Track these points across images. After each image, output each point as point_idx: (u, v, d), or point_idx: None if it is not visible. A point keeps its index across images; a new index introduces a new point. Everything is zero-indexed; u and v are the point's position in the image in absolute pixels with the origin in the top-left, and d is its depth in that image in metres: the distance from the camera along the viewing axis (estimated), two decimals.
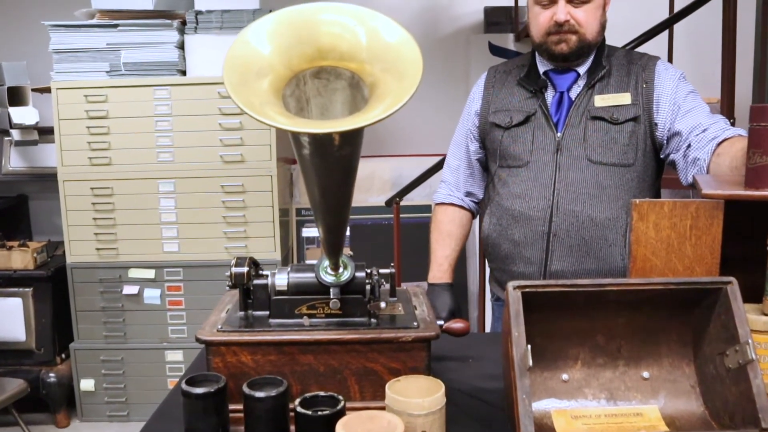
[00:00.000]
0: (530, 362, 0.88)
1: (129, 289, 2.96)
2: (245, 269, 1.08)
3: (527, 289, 0.96)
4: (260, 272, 1.12)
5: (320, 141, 0.76)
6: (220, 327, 1.04)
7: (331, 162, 0.81)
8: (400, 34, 0.76)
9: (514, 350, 0.91)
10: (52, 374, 3.05)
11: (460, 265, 3.28)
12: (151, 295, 2.97)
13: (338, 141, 0.75)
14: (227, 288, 1.12)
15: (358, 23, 0.77)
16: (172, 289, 2.98)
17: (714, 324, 1.01)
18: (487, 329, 3.02)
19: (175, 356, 3.01)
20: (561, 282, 0.99)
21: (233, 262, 1.09)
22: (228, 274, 1.08)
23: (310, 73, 0.81)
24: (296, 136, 0.77)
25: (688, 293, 1.02)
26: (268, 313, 1.09)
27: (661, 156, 1.70)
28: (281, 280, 1.08)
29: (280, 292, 1.07)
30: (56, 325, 3.06)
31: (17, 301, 3.02)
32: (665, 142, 1.66)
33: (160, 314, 2.99)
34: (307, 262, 3.41)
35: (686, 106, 1.64)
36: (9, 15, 3.54)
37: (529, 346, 0.89)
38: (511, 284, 0.97)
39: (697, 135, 1.58)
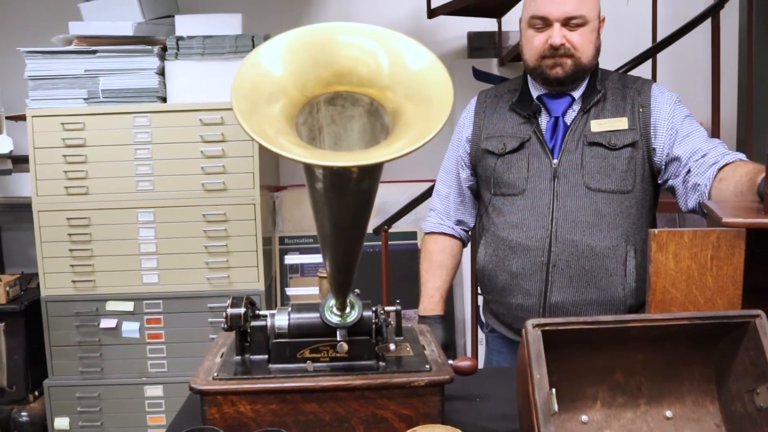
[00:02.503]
0: (555, 407, 0.81)
1: (106, 323, 2.84)
2: (242, 310, 1.00)
3: (548, 328, 0.90)
4: (257, 312, 1.05)
5: (338, 174, 0.70)
6: (216, 374, 0.96)
7: (347, 196, 0.74)
8: (425, 56, 0.70)
9: (536, 394, 0.85)
10: (24, 413, 2.90)
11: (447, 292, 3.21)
12: (130, 328, 2.86)
13: (357, 174, 0.68)
14: (223, 328, 1.03)
15: (379, 45, 0.71)
16: (152, 321, 2.87)
17: (740, 359, 0.96)
18: (480, 357, 2.96)
19: (154, 391, 2.89)
20: (582, 319, 0.93)
21: (228, 302, 1.01)
22: (224, 315, 1.00)
23: (324, 99, 0.74)
24: (310, 168, 0.71)
25: (711, 327, 0.97)
26: (267, 357, 1.01)
27: (659, 181, 1.67)
28: (281, 321, 1.00)
29: (281, 335, 0.99)
30: (29, 362, 2.91)
31: None
32: (663, 167, 1.63)
33: (138, 348, 2.87)
34: (288, 291, 3.33)
35: (684, 131, 1.61)
36: None
37: (554, 390, 0.83)
38: (530, 323, 0.91)
39: (697, 160, 1.56)
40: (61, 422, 2.89)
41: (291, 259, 3.41)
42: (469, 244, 1.98)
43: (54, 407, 2.88)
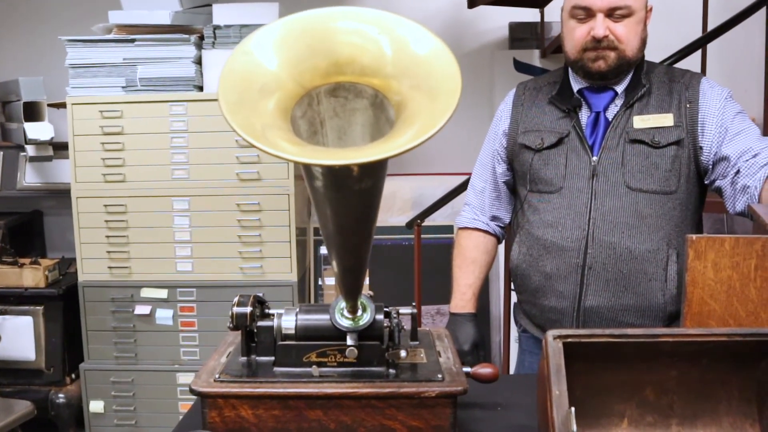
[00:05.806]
0: (574, 428, 0.75)
1: (141, 309, 2.86)
2: (248, 309, 0.96)
3: (569, 340, 0.84)
4: (266, 311, 1.01)
5: (337, 173, 0.65)
6: (217, 376, 0.92)
7: (348, 196, 0.69)
8: (433, 44, 0.64)
9: (554, 411, 0.79)
10: (61, 395, 2.97)
11: (482, 288, 3.13)
12: (164, 315, 2.88)
13: (358, 173, 0.63)
14: (228, 327, 1.00)
15: (383, 32, 0.65)
16: (185, 309, 2.88)
17: None
18: (512, 357, 2.89)
19: (186, 379, 2.91)
20: (608, 331, 0.86)
21: (235, 299, 0.98)
22: (229, 314, 0.96)
23: (325, 90, 0.69)
24: (307, 166, 0.66)
25: (754, 344, 0.89)
26: (273, 359, 0.97)
27: (706, 182, 1.58)
28: (288, 322, 0.96)
29: (287, 337, 0.95)
30: (67, 345, 2.97)
31: (28, 320, 2.95)
32: (711, 167, 1.54)
33: (172, 335, 2.89)
34: (326, 281, 3.30)
35: (734, 129, 1.52)
36: (26, 30, 3.50)
37: (573, 409, 0.76)
38: (550, 333, 0.85)
39: (747, 160, 1.47)
40: (96, 405, 2.94)
41: (326, 250, 3.38)
42: (504, 241, 1.92)
43: (89, 390, 2.94)
